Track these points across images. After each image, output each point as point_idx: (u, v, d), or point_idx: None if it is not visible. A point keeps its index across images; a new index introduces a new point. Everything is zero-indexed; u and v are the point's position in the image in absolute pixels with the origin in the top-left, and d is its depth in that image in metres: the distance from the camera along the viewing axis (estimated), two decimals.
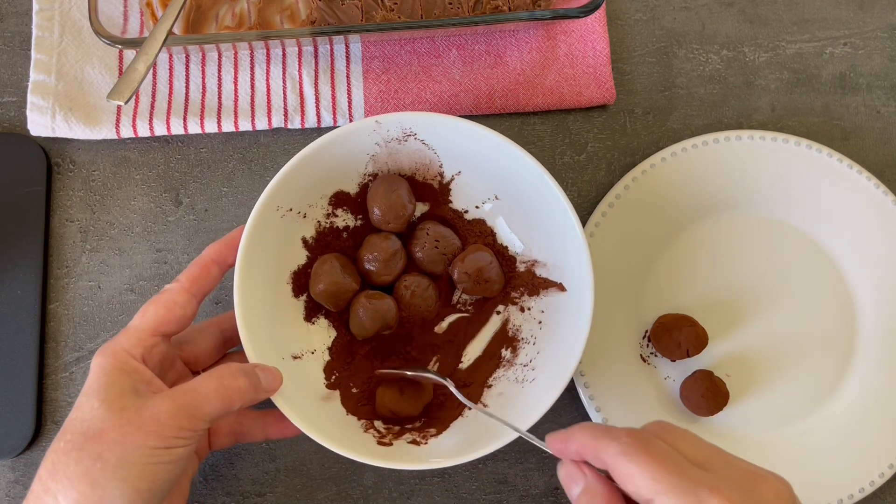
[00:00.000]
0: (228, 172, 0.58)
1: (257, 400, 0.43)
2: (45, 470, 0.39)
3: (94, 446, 0.38)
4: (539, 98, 0.58)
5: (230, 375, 0.42)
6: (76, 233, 0.57)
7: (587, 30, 0.59)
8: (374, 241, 0.52)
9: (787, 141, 0.57)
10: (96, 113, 0.57)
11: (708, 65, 0.61)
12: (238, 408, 0.42)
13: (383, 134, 0.49)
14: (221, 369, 0.42)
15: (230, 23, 0.57)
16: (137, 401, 0.40)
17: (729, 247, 0.57)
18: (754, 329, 0.56)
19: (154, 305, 0.44)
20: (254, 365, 0.44)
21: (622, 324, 0.55)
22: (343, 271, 0.51)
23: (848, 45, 0.62)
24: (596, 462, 0.37)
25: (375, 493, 0.54)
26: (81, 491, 0.37)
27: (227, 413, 0.41)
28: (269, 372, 0.44)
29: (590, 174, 0.59)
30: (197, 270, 0.46)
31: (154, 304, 0.44)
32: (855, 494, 0.53)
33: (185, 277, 0.45)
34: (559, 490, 0.55)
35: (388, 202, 0.51)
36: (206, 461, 0.54)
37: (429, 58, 0.59)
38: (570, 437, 0.38)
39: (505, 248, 0.54)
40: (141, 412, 0.39)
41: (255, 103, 0.58)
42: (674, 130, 0.60)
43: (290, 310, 0.52)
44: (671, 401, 0.55)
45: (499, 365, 0.52)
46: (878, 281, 0.57)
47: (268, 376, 0.44)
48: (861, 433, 0.55)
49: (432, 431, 0.49)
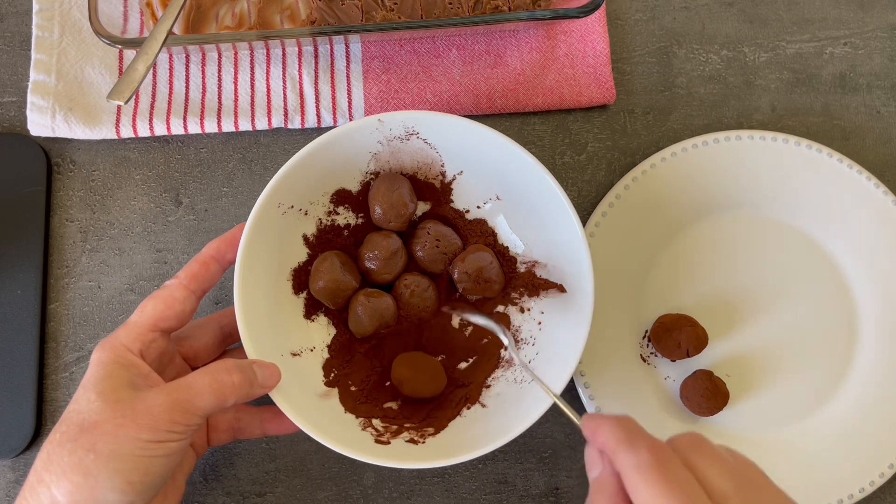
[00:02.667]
0: (228, 172, 0.58)
1: (253, 396, 0.43)
2: (41, 461, 0.39)
3: (87, 438, 0.38)
4: (539, 98, 0.59)
5: (225, 371, 0.42)
6: (76, 233, 0.57)
7: (587, 30, 0.59)
8: (375, 240, 0.52)
9: (787, 141, 0.57)
10: (96, 113, 0.57)
11: (708, 65, 0.61)
12: (232, 403, 0.42)
13: (386, 132, 0.50)
14: (216, 365, 0.42)
15: (230, 23, 0.57)
16: (133, 394, 0.40)
17: (729, 247, 0.57)
18: (754, 329, 0.56)
19: (153, 301, 0.44)
20: (251, 361, 0.44)
21: (622, 324, 0.55)
22: (343, 269, 0.51)
23: (848, 45, 0.62)
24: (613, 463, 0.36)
25: (375, 493, 0.54)
26: (74, 481, 0.38)
27: (220, 408, 0.41)
28: (267, 368, 0.44)
29: (590, 174, 0.59)
30: (196, 267, 0.46)
31: (153, 299, 0.44)
32: (855, 494, 0.53)
33: (184, 274, 0.45)
34: (559, 490, 0.55)
35: (390, 201, 0.51)
36: (206, 461, 0.54)
37: (429, 58, 0.59)
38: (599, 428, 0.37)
39: (506, 249, 0.54)
40: (135, 405, 0.39)
41: (255, 103, 0.58)
42: (674, 130, 0.60)
43: (289, 307, 0.52)
44: (671, 401, 0.55)
45: (497, 365, 0.52)
46: (878, 281, 0.57)
47: (265, 372, 0.44)
48: (861, 433, 0.55)
49: (430, 431, 0.49)
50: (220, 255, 0.47)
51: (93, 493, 0.38)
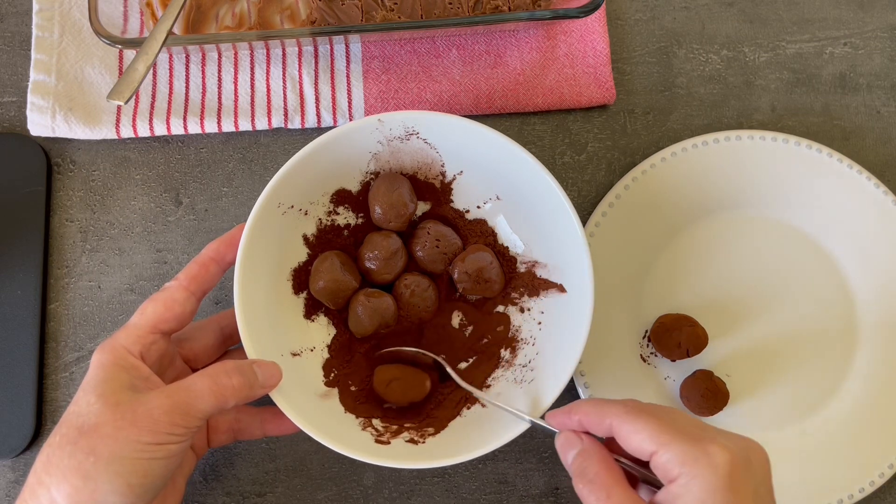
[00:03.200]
0: (228, 172, 0.58)
1: (253, 397, 0.43)
2: (40, 463, 0.39)
3: (87, 440, 0.38)
4: (539, 98, 0.59)
5: (224, 373, 0.42)
6: (76, 233, 0.57)
7: (587, 30, 0.59)
8: (376, 240, 0.52)
9: (787, 141, 0.57)
10: (96, 113, 0.57)
11: (708, 65, 0.61)
12: (233, 405, 0.42)
13: (386, 132, 0.50)
14: (216, 367, 0.42)
15: (230, 23, 0.57)
16: (133, 396, 0.40)
17: (729, 247, 0.57)
18: (754, 329, 0.56)
19: (153, 303, 0.44)
20: (252, 361, 0.44)
21: (622, 324, 0.55)
22: (343, 269, 0.51)
23: (848, 45, 0.62)
24: (598, 428, 0.41)
25: (375, 493, 0.54)
26: (74, 484, 0.38)
27: (221, 410, 0.41)
28: (267, 368, 0.44)
29: (590, 174, 0.59)
30: (196, 268, 0.46)
31: (153, 301, 0.44)
32: (855, 494, 0.53)
33: (184, 275, 0.45)
34: (559, 490, 0.55)
35: (390, 201, 0.51)
36: (206, 461, 0.54)
37: (429, 58, 0.59)
38: (572, 409, 0.42)
39: (506, 249, 0.54)
40: (135, 408, 0.39)
41: (255, 103, 0.58)
42: (674, 130, 0.60)
43: (290, 307, 0.52)
44: (671, 401, 0.55)
45: (497, 365, 0.52)
46: (878, 281, 0.57)
47: (265, 372, 0.44)
48: (861, 433, 0.55)
49: (430, 430, 0.49)
50: (219, 257, 0.47)
51: (93, 496, 0.38)
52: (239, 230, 0.47)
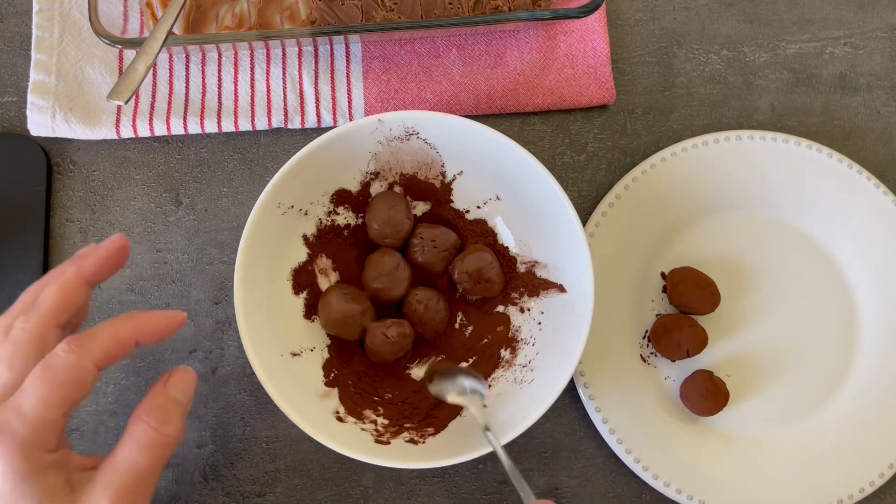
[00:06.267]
0: (228, 172, 0.58)
1: (183, 407, 0.41)
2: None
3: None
4: (539, 98, 0.59)
5: (142, 433, 0.39)
6: (76, 233, 0.57)
7: (587, 30, 0.59)
8: (376, 259, 0.52)
9: (787, 141, 0.57)
10: (96, 113, 0.57)
11: (708, 65, 0.61)
12: (173, 433, 0.39)
13: (386, 132, 0.50)
14: (133, 431, 0.39)
15: (230, 23, 0.57)
16: (74, 499, 0.38)
17: (729, 247, 0.57)
18: (754, 329, 0.56)
19: (42, 385, 0.38)
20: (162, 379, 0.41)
21: (622, 324, 0.55)
22: (348, 298, 0.51)
23: (848, 45, 0.62)
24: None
25: (375, 493, 0.54)
26: None
27: (163, 460, 0.39)
28: (182, 372, 0.41)
29: (590, 174, 0.59)
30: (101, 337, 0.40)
31: (41, 383, 0.38)
32: (855, 494, 0.53)
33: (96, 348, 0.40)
34: (559, 490, 0.55)
35: (387, 217, 0.52)
36: (206, 461, 0.54)
37: (429, 58, 0.59)
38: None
39: (506, 249, 0.54)
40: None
41: (255, 103, 0.58)
42: (674, 130, 0.60)
43: (289, 307, 0.52)
44: (671, 401, 0.55)
45: (497, 365, 0.52)
46: (878, 281, 0.57)
47: (177, 377, 0.41)
48: (861, 433, 0.55)
49: (430, 430, 0.49)
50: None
51: None
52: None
